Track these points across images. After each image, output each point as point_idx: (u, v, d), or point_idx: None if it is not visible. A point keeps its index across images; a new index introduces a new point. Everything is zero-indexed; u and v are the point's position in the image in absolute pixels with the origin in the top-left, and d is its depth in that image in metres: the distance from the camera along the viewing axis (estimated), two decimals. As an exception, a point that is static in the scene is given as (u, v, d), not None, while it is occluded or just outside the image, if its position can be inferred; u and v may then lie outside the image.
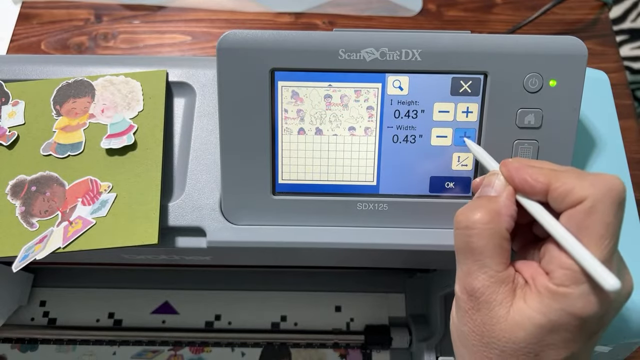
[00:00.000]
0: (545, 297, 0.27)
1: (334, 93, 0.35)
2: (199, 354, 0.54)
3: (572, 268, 0.27)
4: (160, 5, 0.70)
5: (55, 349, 0.54)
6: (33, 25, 0.69)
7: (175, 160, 0.39)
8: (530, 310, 0.27)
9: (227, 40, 0.34)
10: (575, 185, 0.27)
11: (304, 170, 0.37)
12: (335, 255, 0.39)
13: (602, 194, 0.27)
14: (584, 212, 0.27)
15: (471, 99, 0.35)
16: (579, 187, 0.27)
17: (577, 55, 0.34)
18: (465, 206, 0.30)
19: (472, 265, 0.29)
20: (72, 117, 0.38)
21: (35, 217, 0.36)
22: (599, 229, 0.27)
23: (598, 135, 0.40)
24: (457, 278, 0.30)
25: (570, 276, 0.27)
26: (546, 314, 0.27)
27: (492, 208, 0.29)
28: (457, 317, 0.30)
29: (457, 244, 0.30)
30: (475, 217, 0.29)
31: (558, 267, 0.27)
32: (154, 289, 0.56)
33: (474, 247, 0.29)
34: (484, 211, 0.29)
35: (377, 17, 0.70)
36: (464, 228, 0.29)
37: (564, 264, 0.27)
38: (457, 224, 0.30)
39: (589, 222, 0.27)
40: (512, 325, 0.27)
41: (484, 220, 0.29)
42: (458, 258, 0.30)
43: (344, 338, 0.53)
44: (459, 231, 0.30)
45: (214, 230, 0.37)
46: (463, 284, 0.29)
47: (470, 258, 0.29)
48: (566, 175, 0.28)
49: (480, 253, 0.28)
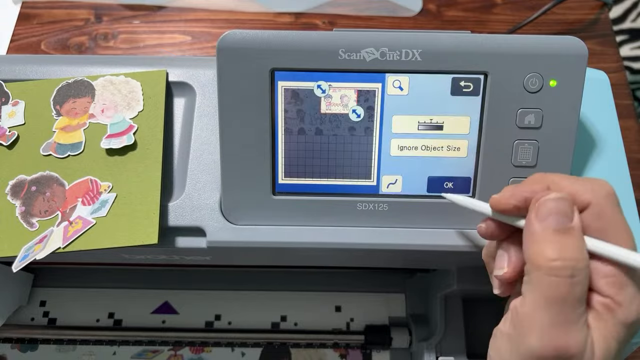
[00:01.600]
0: (604, 315, 0.26)
1: (334, 93, 0.35)
2: (199, 354, 0.54)
3: (613, 273, 0.26)
4: (160, 5, 0.70)
5: (55, 349, 0.54)
6: (33, 25, 0.69)
7: (175, 160, 0.39)
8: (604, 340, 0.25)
9: (227, 40, 0.34)
10: (576, 190, 0.27)
11: (303, 170, 0.37)
12: (335, 255, 0.39)
13: (603, 197, 0.27)
14: (594, 217, 0.27)
15: (471, 99, 0.35)
16: (582, 192, 0.27)
17: (577, 55, 0.34)
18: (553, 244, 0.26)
19: (570, 316, 0.25)
20: (72, 117, 0.38)
21: (35, 217, 0.36)
22: (616, 229, 0.27)
23: (598, 135, 0.40)
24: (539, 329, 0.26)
25: (614, 283, 0.26)
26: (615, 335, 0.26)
27: (582, 245, 0.26)
28: None
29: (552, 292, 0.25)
30: (579, 262, 0.25)
31: (600, 277, 0.26)
32: (154, 289, 0.56)
33: (578, 296, 0.25)
34: (582, 252, 0.26)
35: (377, 17, 0.70)
36: (569, 275, 0.25)
37: (604, 272, 0.26)
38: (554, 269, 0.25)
39: (602, 225, 0.27)
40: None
41: (585, 264, 0.25)
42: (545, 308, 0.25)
43: (344, 338, 0.53)
44: (558, 279, 0.25)
45: (214, 230, 0.37)
46: (554, 339, 0.25)
47: (569, 308, 0.25)
48: (561, 179, 0.28)
49: (581, 302, 0.25)
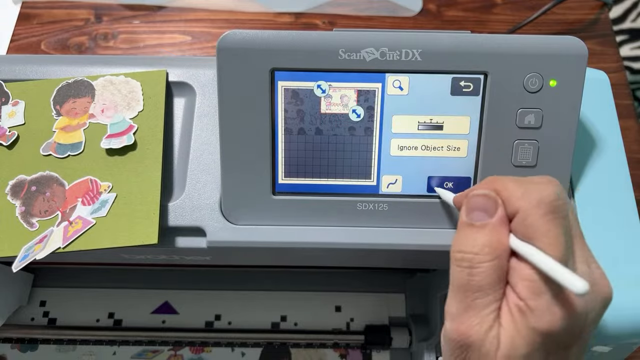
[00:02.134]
0: (516, 316, 0.26)
1: (334, 93, 0.35)
2: (199, 354, 0.54)
3: (532, 278, 0.26)
4: (160, 5, 0.70)
5: (55, 349, 0.54)
6: (33, 25, 0.69)
7: (175, 160, 0.39)
8: (511, 338, 0.26)
9: (227, 40, 0.34)
10: (511, 194, 0.27)
11: (303, 170, 0.37)
12: (335, 255, 0.39)
13: (532, 206, 0.27)
14: (521, 225, 0.27)
15: (471, 99, 0.35)
16: (514, 198, 0.27)
17: (577, 55, 0.34)
18: (461, 237, 0.28)
19: (471, 303, 0.27)
20: (72, 117, 0.38)
21: (35, 217, 0.36)
22: (541, 239, 0.26)
23: (598, 135, 0.40)
24: (448, 314, 0.28)
25: (531, 287, 0.26)
26: (524, 336, 0.26)
27: (493, 240, 0.27)
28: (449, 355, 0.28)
29: (457, 280, 0.28)
30: (478, 255, 0.27)
31: (519, 279, 0.26)
32: (154, 289, 0.56)
33: (478, 286, 0.27)
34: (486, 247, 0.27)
35: (377, 17, 0.70)
36: (466, 267, 0.27)
37: (523, 275, 0.26)
38: (457, 260, 0.28)
39: (527, 232, 0.27)
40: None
41: (488, 258, 0.27)
42: (454, 294, 0.28)
43: (344, 338, 0.53)
44: (459, 268, 0.27)
45: (214, 230, 0.37)
46: (457, 325, 0.27)
47: (470, 296, 0.27)
48: (508, 182, 0.28)
49: (483, 291, 0.27)
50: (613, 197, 0.38)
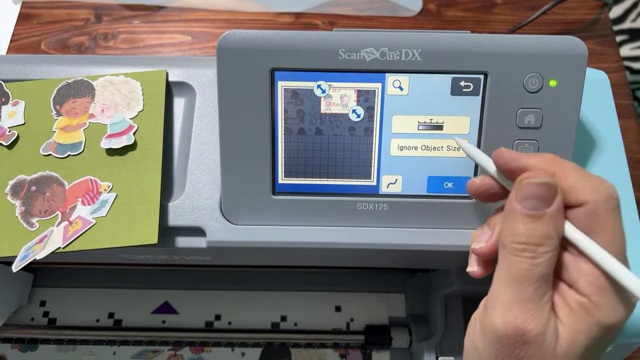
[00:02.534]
0: (578, 313, 0.26)
1: (334, 93, 0.35)
2: (199, 354, 0.54)
3: (594, 273, 0.26)
4: (160, 5, 0.70)
5: (55, 349, 0.54)
6: (33, 25, 0.69)
7: (175, 160, 0.39)
8: (572, 332, 0.26)
9: (227, 40, 0.34)
10: (578, 185, 0.27)
11: (304, 170, 0.37)
12: (335, 255, 0.39)
13: (603, 200, 0.26)
14: (585, 216, 0.26)
15: (471, 99, 0.35)
16: (582, 189, 0.27)
17: (577, 55, 0.34)
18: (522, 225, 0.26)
19: (530, 293, 0.26)
20: (72, 117, 0.38)
21: (35, 217, 0.36)
22: (606, 234, 0.26)
23: (598, 135, 0.40)
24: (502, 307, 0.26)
25: (594, 283, 0.26)
26: (586, 331, 0.26)
27: (555, 230, 0.26)
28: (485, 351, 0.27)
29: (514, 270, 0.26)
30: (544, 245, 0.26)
31: (580, 274, 0.26)
32: (154, 289, 0.56)
33: (540, 275, 0.26)
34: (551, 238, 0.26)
35: (377, 17, 0.70)
36: (530, 257, 0.26)
37: (584, 270, 0.26)
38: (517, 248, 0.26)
39: (592, 226, 0.26)
40: (562, 354, 0.26)
41: (552, 247, 0.26)
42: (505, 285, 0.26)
43: (344, 338, 0.53)
44: (520, 258, 0.26)
45: (214, 230, 0.37)
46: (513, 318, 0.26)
47: (530, 287, 0.26)
48: (569, 169, 0.27)
49: (544, 282, 0.26)
50: (613, 197, 0.38)
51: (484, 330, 0.27)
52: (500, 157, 0.29)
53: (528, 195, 0.27)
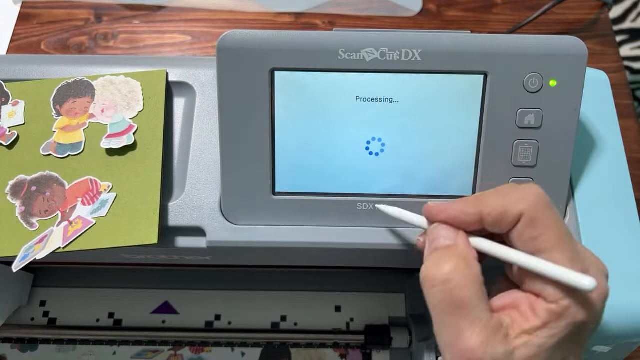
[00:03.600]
0: (549, 320, 0.26)
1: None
2: (199, 354, 0.54)
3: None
4: (160, 5, 0.70)
5: (55, 349, 0.54)
6: (33, 25, 0.69)
7: (175, 160, 0.39)
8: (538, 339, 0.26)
9: (227, 40, 0.34)
10: (506, 205, 0.27)
11: (304, 170, 0.37)
12: (335, 255, 0.39)
13: (533, 204, 0.27)
14: (528, 226, 0.27)
15: (471, 99, 0.35)
16: (512, 206, 0.27)
17: (577, 55, 0.34)
18: (427, 263, 0.28)
19: (462, 323, 0.26)
20: (72, 117, 0.38)
21: (35, 217, 0.36)
22: (550, 236, 0.27)
23: (598, 135, 0.40)
24: (445, 346, 0.27)
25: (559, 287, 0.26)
26: (555, 335, 0.26)
27: (459, 254, 0.28)
28: None
29: (437, 304, 0.27)
30: (446, 270, 0.27)
31: (544, 283, 0.26)
32: (154, 289, 0.56)
33: (459, 300, 0.26)
34: (453, 260, 0.27)
35: (377, 17, 0.70)
36: (439, 284, 0.27)
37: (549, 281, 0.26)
38: (428, 283, 0.27)
39: (537, 233, 0.27)
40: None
41: (459, 268, 0.27)
42: (441, 322, 0.27)
43: (344, 338, 0.53)
44: (434, 290, 0.27)
45: (214, 230, 0.37)
46: (459, 350, 0.26)
47: (458, 314, 0.26)
48: (492, 198, 0.28)
49: (467, 305, 0.26)
50: (613, 197, 0.38)
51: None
52: (429, 212, 0.31)
53: (435, 237, 0.29)
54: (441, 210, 0.30)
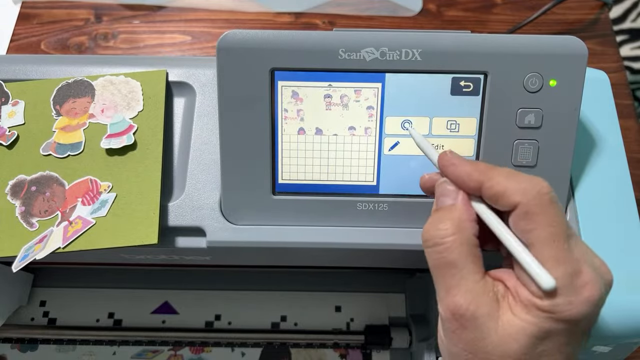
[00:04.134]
0: (531, 308, 0.27)
1: (334, 93, 0.35)
2: (199, 354, 0.54)
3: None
4: (160, 5, 0.70)
5: (55, 349, 0.54)
6: (33, 25, 0.69)
7: (175, 160, 0.39)
8: (520, 321, 0.27)
9: (227, 40, 0.34)
10: (507, 188, 0.28)
11: (303, 170, 0.37)
12: (335, 255, 0.39)
13: (532, 198, 0.27)
14: (521, 218, 0.27)
15: (471, 99, 0.35)
16: (511, 191, 0.28)
17: (577, 55, 0.34)
18: (428, 222, 0.30)
19: (450, 281, 0.28)
20: (72, 117, 0.38)
21: (35, 217, 0.36)
22: (542, 232, 0.27)
23: (598, 135, 0.40)
24: (438, 299, 0.29)
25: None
26: (537, 323, 0.26)
27: (454, 217, 0.29)
28: (445, 339, 0.29)
29: (431, 262, 0.29)
30: (441, 232, 0.28)
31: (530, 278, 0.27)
32: (154, 289, 0.56)
33: (448, 261, 0.28)
34: (448, 223, 0.28)
35: (377, 17, 0.70)
36: (432, 245, 0.29)
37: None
38: (425, 242, 0.29)
39: (530, 227, 0.27)
40: (504, 337, 0.27)
41: (450, 232, 0.28)
42: (435, 278, 0.29)
43: (344, 338, 0.53)
44: (429, 250, 0.29)
45: (214, 230, 0.37)
46: (446, 304, 0.28)
47: (447, 274, 0.28)
48: (498, 175, 0.28)
49: (455, 266, 0.28)
50: (613, 197, 0.38)
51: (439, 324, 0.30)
52: (442, 159, 0.31)
53: (439, 194, 0.30)
54: (452, 164, 0.30)
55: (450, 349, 0.29)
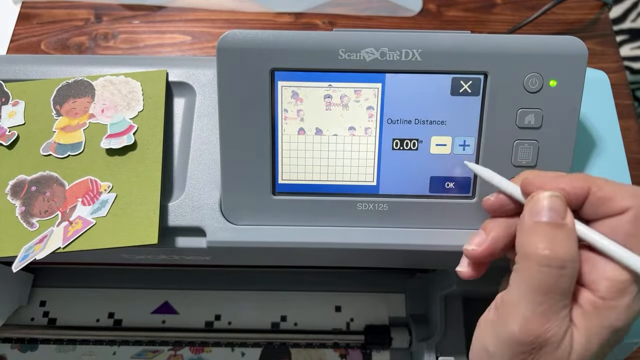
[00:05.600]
0: (592, 315, 0.26)
1: (334, 93, 0.35)
2: (199, 354, 0.54)
3: (618, 279, 0.26)
4: (160, 5, 0.70)
5: (55, 349, 0.54)
6: (33, 25, 0.69)
7: (175, 160, 0.39)
8: (585, 337, 0.26)
9: (227, 40, 0.34)
10: (615, 194, 0.27)
11: (304, 170, 0.37)
12: (335, 255, 0.39)
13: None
14: (630, 222, 0.27)
15: (471, 99, 0.35)
16: (620, 196, 0.27)
17: (577, 55, 0.34)
18: (534, 238, 0.27)
19: (553, 306, 0.26)
20: (72, 117, 0.38)
21: (35, 217, 0.36)
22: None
23: (598, 135, 0.40)
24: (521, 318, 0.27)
25: (615, 287, 0.26)
26: (598, 334, 0.26)
27: (572, 237, 0.27)
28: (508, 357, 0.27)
29: (539, 282, 0.26)
30: (568, 256, 0.26)
31: (602, 278, 0.26)
32: (154, 289, 0.56)
33: (563, 287, 0.26)
34: (572, 248, 0.26)
35: (377, 17, 0.70)
36: (558, 267, 0.26)
37: (608, 274, 0.26)
38: (546, 260, 0.26)
39: (635, 232, 0.27)
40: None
41: (574, 258, 0.26)
42: (529, 297, 0.26)
43: (344, 338, 0.53)
44: (549, 269, 0.26)
45: (214, 230, 0.37)
46: (532, 327, 0.26)
47: (553, 298, 0.26)
48: (602, 181, 0.28)
49: (565, 294, 0.26)
50: (613, 197, 0.38)
51: (498, 334, 0.28)
52: (529, 184, 0.29)
53: (543, 208, 0.27)
54: (546, 182, 0.28)
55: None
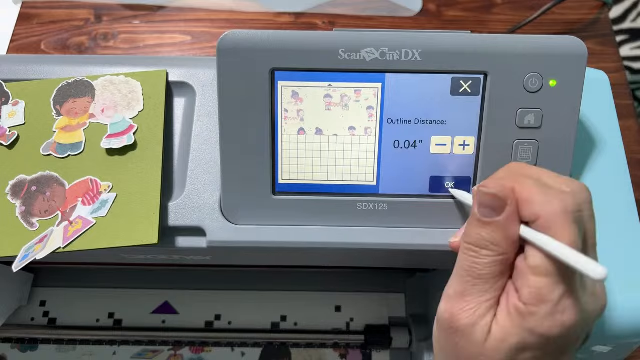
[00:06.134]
0: (514, 316, 0.27)
1: (334, 93, 0.35)
2: (199, 354, 0.54)
3: (538, 286, 0.26)
4: (160, 5, 0.70)
5: (55, 349, 0.54)
6: (33, 25, 0.69)
7: (175, 160, 0.39)
8: (503, 332, 0.27)
9: (227, 40, 0.34)
10: (532, 199, 0.27)
11: (304, 170, 0.37)
12: (335, 255, 0.39)
13: (556, 214, 0.27)
14: (541, 231, 0.27)
15: (471, 99, 0.35)
16: (537, 202, 0.27)
17: (577, 55, 0.34)
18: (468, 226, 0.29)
19: (469, 289, 0.28)
20: (72, 117, 0.38)
21: (35, 217, 0.36)
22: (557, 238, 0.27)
23: (598, 135, 0.40)
24: (446, 296, 0.29)
25: (535, 295, 0.26)
26: (517, 334, 0.27)
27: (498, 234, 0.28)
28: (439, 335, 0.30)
29: (460, 265, 0.29)
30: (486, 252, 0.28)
31: (525, 285, 0.27)
32: (154, 289, 0.56)
33: (481, 273, 0.28)
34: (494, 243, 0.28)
35: (377, 17, 0.70)
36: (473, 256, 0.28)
37: (530, 282, 0.27)
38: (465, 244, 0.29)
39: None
40: (490, 350, 0.27)
41: (492, 253, 0.28)
42: (454, 278, 0.29)
43: (344, 338, 0.53)
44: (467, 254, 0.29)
45: (214, 230, 0.37)
46: (452, 304, 0.29)
47: (470, 282, 0.28)
48: (529, 183, 0.28)
49: (484, 280, 0.28)
50: (613, 197, 0.38)
51: (437, 318, 0.30)
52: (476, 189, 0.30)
53: (482, 203, 0.29)
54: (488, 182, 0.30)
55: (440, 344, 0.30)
